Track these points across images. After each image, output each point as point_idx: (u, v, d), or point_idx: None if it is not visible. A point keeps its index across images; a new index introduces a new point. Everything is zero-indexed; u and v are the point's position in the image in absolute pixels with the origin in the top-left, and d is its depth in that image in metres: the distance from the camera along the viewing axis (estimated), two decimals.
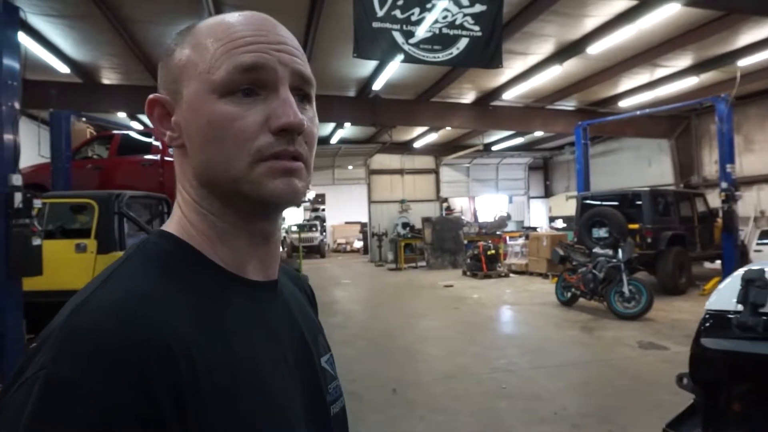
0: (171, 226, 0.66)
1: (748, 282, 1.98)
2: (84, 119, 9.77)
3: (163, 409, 0.50)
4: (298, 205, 0.65)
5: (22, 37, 5.93)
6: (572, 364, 5.84)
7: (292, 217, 25.79)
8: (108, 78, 10.98)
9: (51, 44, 8.94)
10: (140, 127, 12.93)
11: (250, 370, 0.59)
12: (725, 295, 2.13)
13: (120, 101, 11.07)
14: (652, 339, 6.55)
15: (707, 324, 2.17)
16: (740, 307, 2.02)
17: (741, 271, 2.10)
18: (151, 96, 0.65)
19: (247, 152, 0.60)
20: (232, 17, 0.64)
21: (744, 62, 10.48)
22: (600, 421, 4.22)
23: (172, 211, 0.69)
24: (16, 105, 5.13)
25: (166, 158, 7.71)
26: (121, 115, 12.68)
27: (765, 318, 1.94)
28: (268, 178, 0.61)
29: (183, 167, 0.66)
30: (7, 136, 4.96)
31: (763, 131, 13.86)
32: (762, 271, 2.02)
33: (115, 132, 9.32)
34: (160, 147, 7.88)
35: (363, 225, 23.97)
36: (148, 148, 8.28)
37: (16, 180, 4.94)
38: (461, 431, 4.14)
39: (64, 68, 9.61)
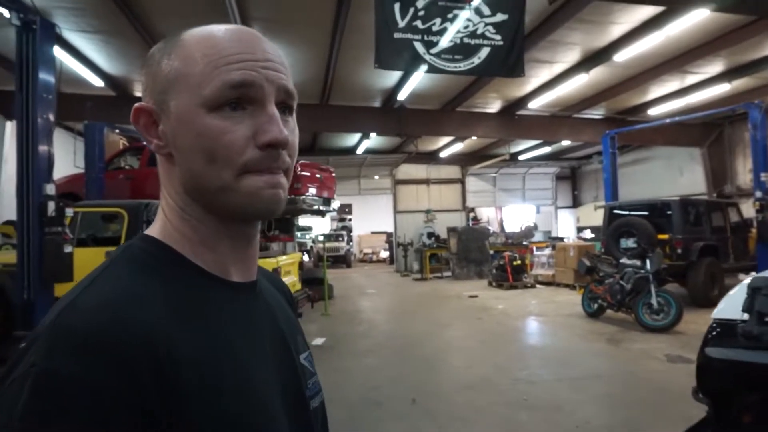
0: (155, 230, 0.69)
1: (754, 290, 1.92)
2: (117, 131, 10.08)
3: (151, 401, 0.52)
4: (278, 214, 0.68)
5: (59, 52, 6.17)
6: (597, 376, 5.73)
7: (320, 227, 25.99)
8: (140, 91, 11.29)
9: (86, 59, 9.27)
10: None
11: (232, 365, 0.62)
12: (732, 304, 2.07)
13: None
14: (681, 352, 6.38)
15: (713, 333, 2.10)
16: (746, 316, 1.95)
17: (748, 280, 2.04)
18: (136, 105, 0.68)
19: (234, 165, 0.63)
20: (220, 31, 0.66)
21: None
22: None
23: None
24: (51, 117, 5.33)
25: None
26: None
27: None
28: (255, 190, 0.64)
29: (168, 174, 0.68)
30: (42, 147, 5.17)
31: None
32: None
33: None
34: None
35: (389, 235, 23.99)
36: None
37: (50, 189, 5.13)
38: None
39: (98, 82, 9.95)
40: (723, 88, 11.69)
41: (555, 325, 8.69)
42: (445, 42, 6.49)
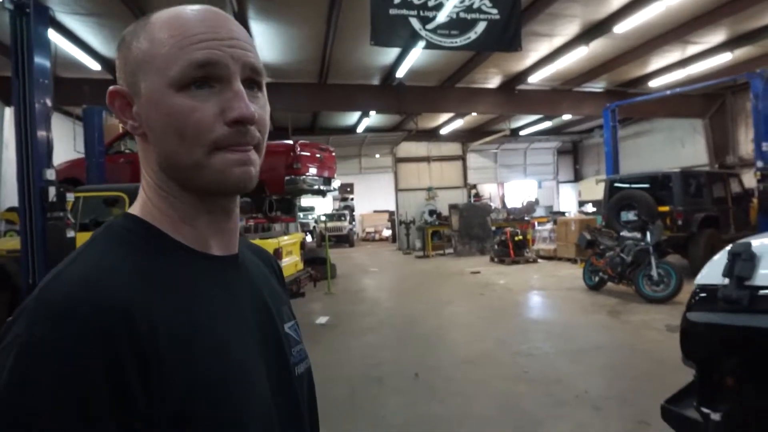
0: (136, 208, 0.72)
1: (734, 255, 1.97)
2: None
3: (126, 364, 0.56)
4: (251, 189, 0.70)
5: (54, 36, 6.11)
6: (597, 348, 5.80)
7: (322, 207, 26.03)
8: None
9: (82, 42, 9.21)
10: None
11: (210, 331, 0.65)
12: (714, 269, 2.12)
13: None
14: None
15: (696, 298, 2.15)
16: (727, 281, 2.00)
17: (730, 246, 2.09)
18: (111, 88, 0.70)
19: (204, 142, 0.65)
20: (186, 12, 0.68)
21: None
22: (622, 404, 4.20)
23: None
24: (49, 102, 5.32)
25: None
26: None
27: (750, 291, 1.93)
28: (226, 167, 0.66)
29: (145, 154, 0.71)
30: (41, 133, 5.16)
31: None
32: (748, 244, 2.00)
33: None
34: None
35: (391, 213, 24.04)
36: None
37: (50, 174, 5.14)
38: (479, 414, 4.18)
39: (95, 65, 9.90)
40: (725, 58, 11.56)
41: (556, 299, 8.77)
42: (441, 17, 6.42)
